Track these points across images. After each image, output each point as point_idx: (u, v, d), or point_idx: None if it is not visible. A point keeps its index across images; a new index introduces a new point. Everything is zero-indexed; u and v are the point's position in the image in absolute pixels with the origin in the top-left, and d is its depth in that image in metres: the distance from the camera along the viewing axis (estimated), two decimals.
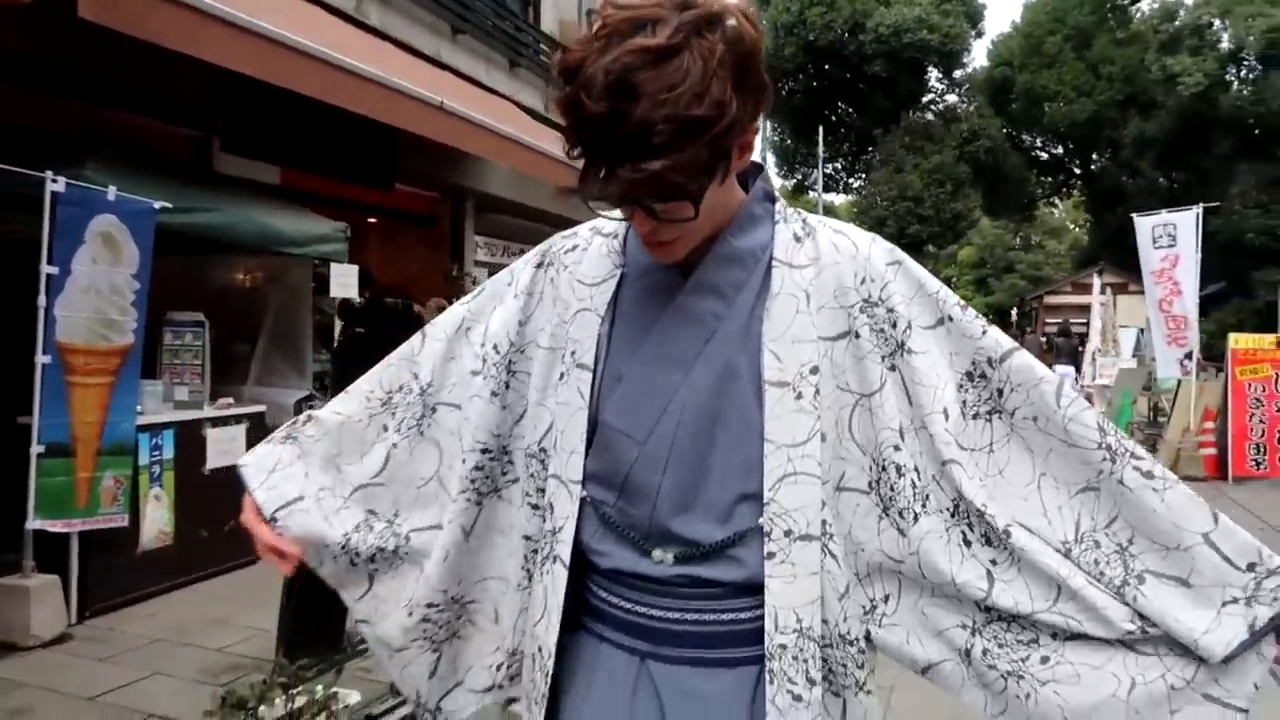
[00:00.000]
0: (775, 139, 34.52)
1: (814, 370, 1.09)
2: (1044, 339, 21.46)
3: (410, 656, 1.28)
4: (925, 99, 33.22)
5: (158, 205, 4.51)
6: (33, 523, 4.10)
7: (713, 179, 1.01)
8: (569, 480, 1.15)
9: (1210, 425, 9.75)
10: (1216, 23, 23.85)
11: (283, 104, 5.66)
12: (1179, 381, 10.15)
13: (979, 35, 31.90)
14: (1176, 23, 24.18)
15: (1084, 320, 19.82)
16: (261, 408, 5.52)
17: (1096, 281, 18.17)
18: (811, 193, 32.57)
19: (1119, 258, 23.53)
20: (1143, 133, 26.39)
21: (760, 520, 1.09)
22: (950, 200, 28.94)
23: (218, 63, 4.80)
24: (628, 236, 1.20)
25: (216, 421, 5.15)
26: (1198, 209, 9.86)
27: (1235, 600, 1.05)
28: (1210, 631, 1.04)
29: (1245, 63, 22.73)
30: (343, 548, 1.23)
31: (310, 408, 4.45)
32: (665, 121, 0.91)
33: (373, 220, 9.22)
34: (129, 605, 4.60)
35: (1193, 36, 23.25)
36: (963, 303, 1.15)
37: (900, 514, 1.10)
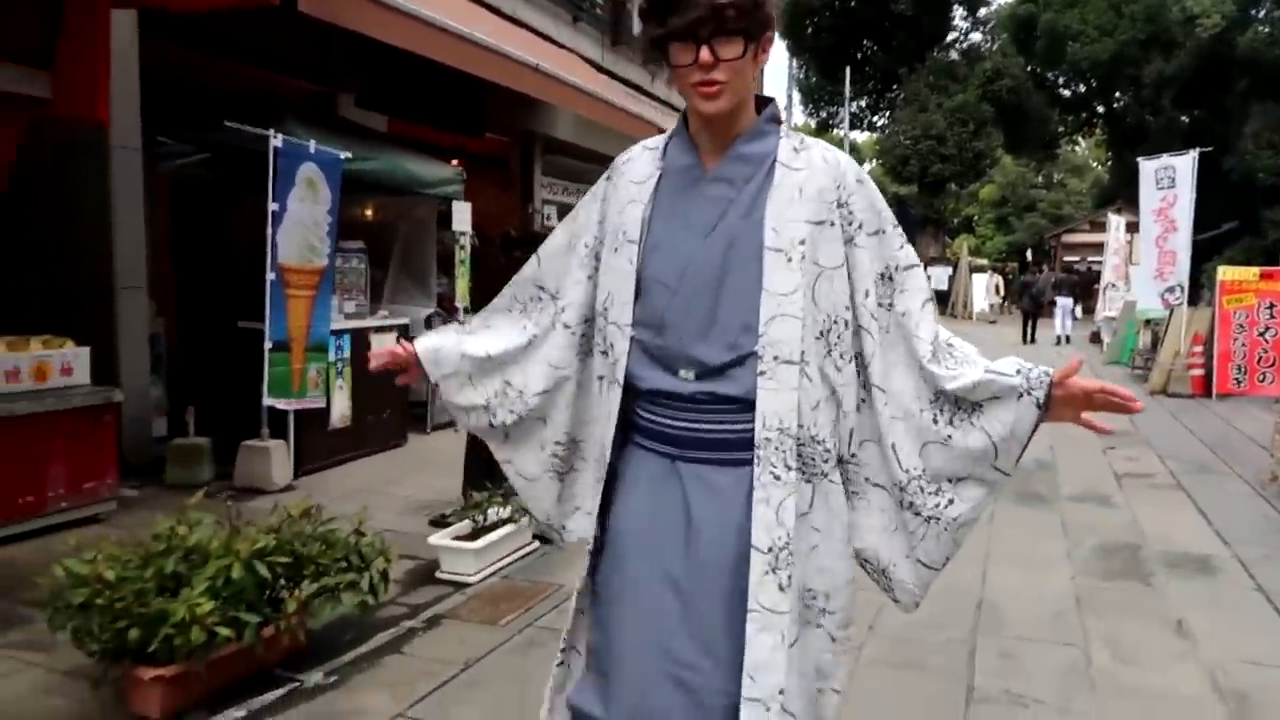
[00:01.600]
0: (800, 77, 35.01)
1: (801, 242, 1.49)
2: (1053, 276, 22.69)
3: (541, 486, 1.76)
4: (949, 38, 33.57)
5: (343, 155, 5.75)
6: (267, 400, 5.43)
7: (753, 41, 1.47)
8: (622, 324, 1.57)
9: (1199, 349, 10.89)
10: None
11: (395, 63, 6.82)
12: (1171, 311, 11.26)
13: None
14: None
15: (1100, 259, 20.86)
16: (405, 320, 6.84)
17: (1112, 219, 19.05)
18: (836, 130, 33.19)
19: (1137, 196, 24.32)
20: (1163, 72, 26.79)
21: (755, 347, 1.48)
22: (973, 139, 29.53)
23: (379, 38, 5.98)
24: (667, 146, 1.62)
25: (377, 330, 6.46)
26: (1194, 153, 10.89)
27: (1021, 393, 1.51)
28: (1015, 423, 1.52)
29: (1263, 5, 23.16)
30: (484, 408, 1.72)
31: (437, 321, 6.28)
32: None
33: (455, 162, 10.40)
34: (325, 469, 5.95)
35: None
36: (895, 223, 1.59)
37: (841, 355, 1.53)
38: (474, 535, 4.17)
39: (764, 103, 1.58)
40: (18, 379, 4.34)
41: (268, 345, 5.39)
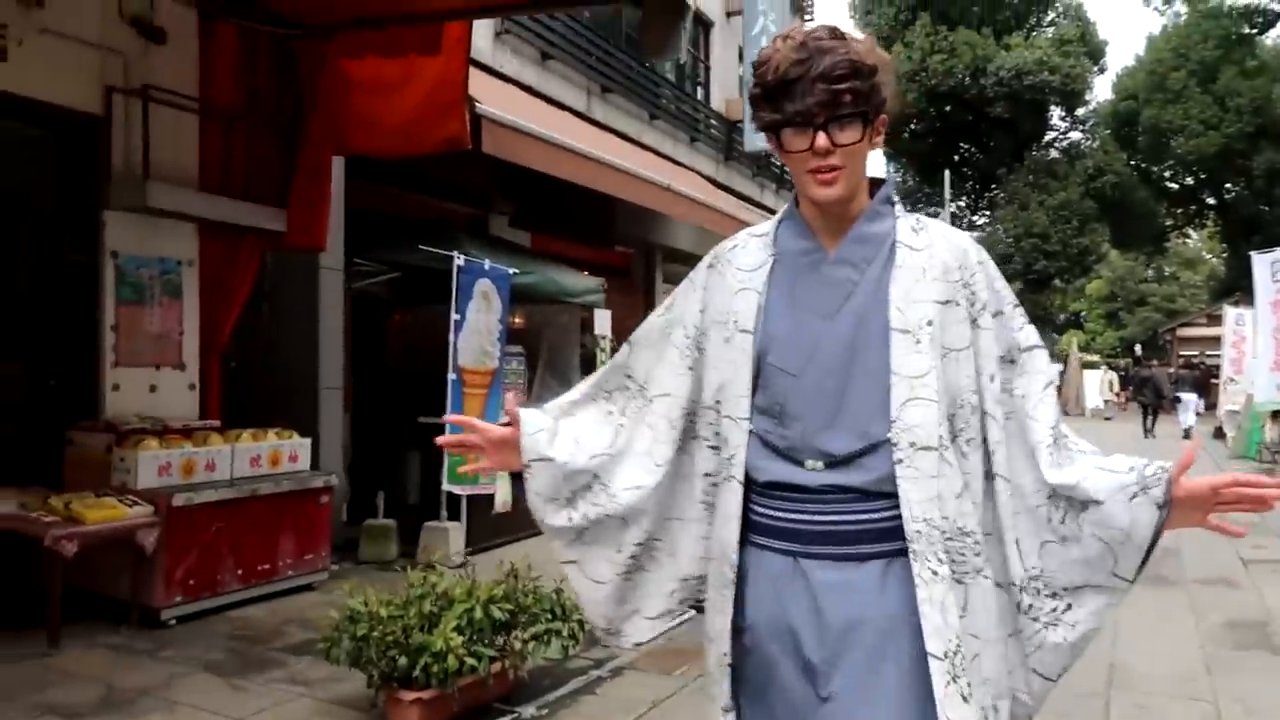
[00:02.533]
0: (899, 180, 35.81)
1: (929, 323, 1.42)
2: (1171, 371, 22.37)
3: (607, 590, 1.62)
4: (1048, 137, 33.94)
5: (512, 271, 6.60)
6: (446, 486, 6.16)
7: (869, 122, 1.42)
8: (739, 417, 1.49)
9: None
10: None
11: (541, 186, 7.73)
12: None
13: (1101, 71, 32.54)
14: None
15: (1218, 352, 20.52)
16: None
17: (1229, 312, 18.83)
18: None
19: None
20: (1275, 163, 26.61)
21: (889, 434, 1.40)
22: (1076, 235, 29.61)
23: (540, 169, 6.90)
24: (777, 233, 1.55)
25: None
26: None
27: (1135, 495, 1.40)
28: (1134, 524, 1.40)
29: None
30: (566, 501, 1.60)
31: None
32: (848, 62, 1.38)
33: (585, 273, 11.33)
34: (490, 549, 6.60)
35: None
36: (1017, 302, 1.53)
37: (969, 442, 1.44)
38: None
39: (877, 184, 1.55)
40: (259, 464, 5.17)
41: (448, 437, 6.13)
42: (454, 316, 6.17)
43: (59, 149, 5.26)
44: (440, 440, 1.77)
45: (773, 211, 14.46)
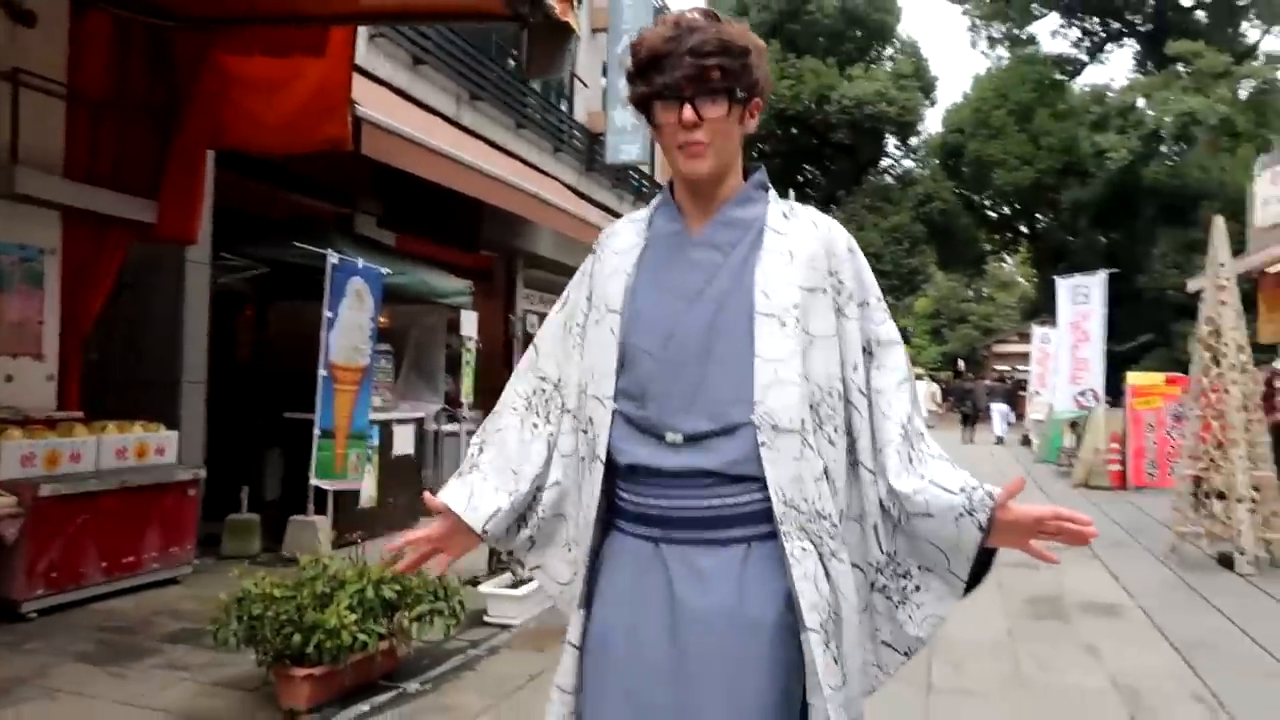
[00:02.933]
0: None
1: (795, 307, 1.44)
2: (987, 384, 24.55)
3: (575, 588, 1.58)
4: (884, 163, 36.22)
5: (385, 271, 6.71)
6: (314, 481, 6.21)
7: (739, 103, 1.46)
8: (603, 396, 1.50)
9: (1116, 446, 12.14)
10: (1140, 102, 26.91)
11: (408, 188, 7.87)
12: (1088, 412, 12.57)
13: (932, 104, 35.01)
14: (1104, 104, 27.23)
15: (1028, 367, 22.58)
16: (422, 414, 7.69)
17: (1036, 330, 20.72)
18: None
19: None
20: (1079, 199, 29.35)
21: (751, 417, 1.41)
22: (907, 256, 31.73)
23: (416, 173, 7.04)
24: (652, 215, 1.58)
25: (400, 422, 7.31)
26: (1104, 273, 12.41)
27: (961, 515, 1.45)
28: (958, 540, 1.46)
29: (1163, 142, 25.75)
30: (520, 521, 1.61)
31: (444, 417, 7.63)
32: (717, 40, 1.43)
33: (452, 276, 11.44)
34: (353, 544, 6.68)
35: (1119, 117, 26.29)
36: (880, 296, 1.56)
37: (835, 429, 1.47)
38: (515, 585, 4.98)
39: (751, 170, 1.58)
40: (125, 456, 5.12)
41: (316, 433, 6.21)
42: (327, 314, 6.25)
43: None
44: (401, 566, 1.66)
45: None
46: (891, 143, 35.65)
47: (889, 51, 35.03)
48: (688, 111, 1.43)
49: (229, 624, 3.54)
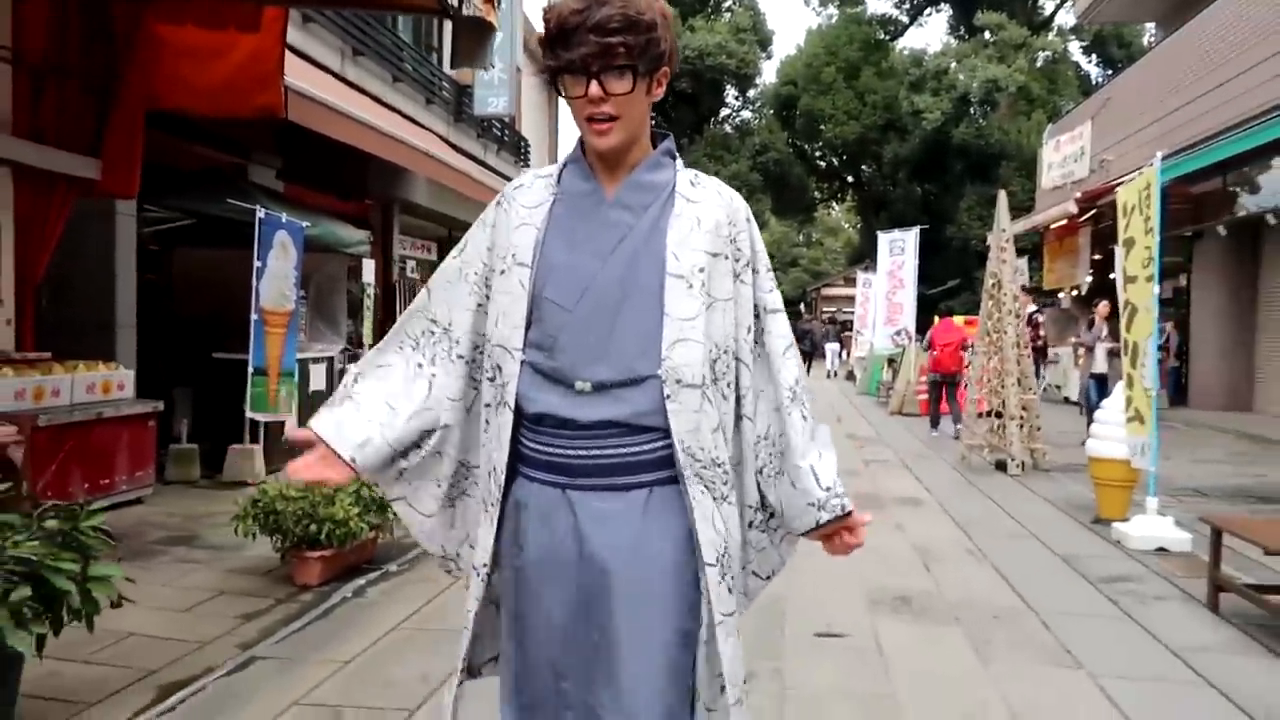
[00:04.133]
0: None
1: (701, 270, 1.54)
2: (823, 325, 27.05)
3: (436, 521, 1.72)
4: (723, 114, 37.84)
5: (305, 224, 7.41)
6: (250, 414, 6.95)
7: (644, 76, 1.51)
8: (512, 347, 1.56)
9: (924, 380, 14.14)
10: (953, 66, 29.48)
11: (298, 140, 8.49)
12: (902, 350, 14.52)
13: (769, 58, 36.81)
14: (922, 67, 29.66)
15: (852, 310, 24.94)
16: (332, 353, 8.45)
17: (860, 276, 22.90)
18: None
19: None
20: (898, 153, 31.94)
21: (658, 371, 1.51)
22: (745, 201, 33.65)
23: (318, 130, 7.70)
24: (561, 173, 1.64)
25: (315, 360, 8.06)
26: (916, 229, 14.26)
27: (812, 505, 1.61)
28: (798, 517, 1.63)
29: (971, 105, 28.45)
30: (393, 457, 1.64)
31: (344, 357, 9.01)
32: (622, 16, 1.46)
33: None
34: (279, 470, 7.47)
35: (933, 80, 28.77)
36: (769, 266, 1.70)
37: (728, 385, 1.60)
38: None
39: (659, 137, 1.63)
40: (94, 392, 5.75)
41: (251, 370, 6.93)
42: (257, 264, 6.93)
43: None
44: (304, 473, 1.63)
45: (493, 170, 15.67)
46: (731, 94, 37.28)
47: (727, 3, 36.44)
48: (594, 88, 1.48)
49: (247, 519, 4.43)
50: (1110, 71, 30.70)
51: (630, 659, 1.49)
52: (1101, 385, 9.05)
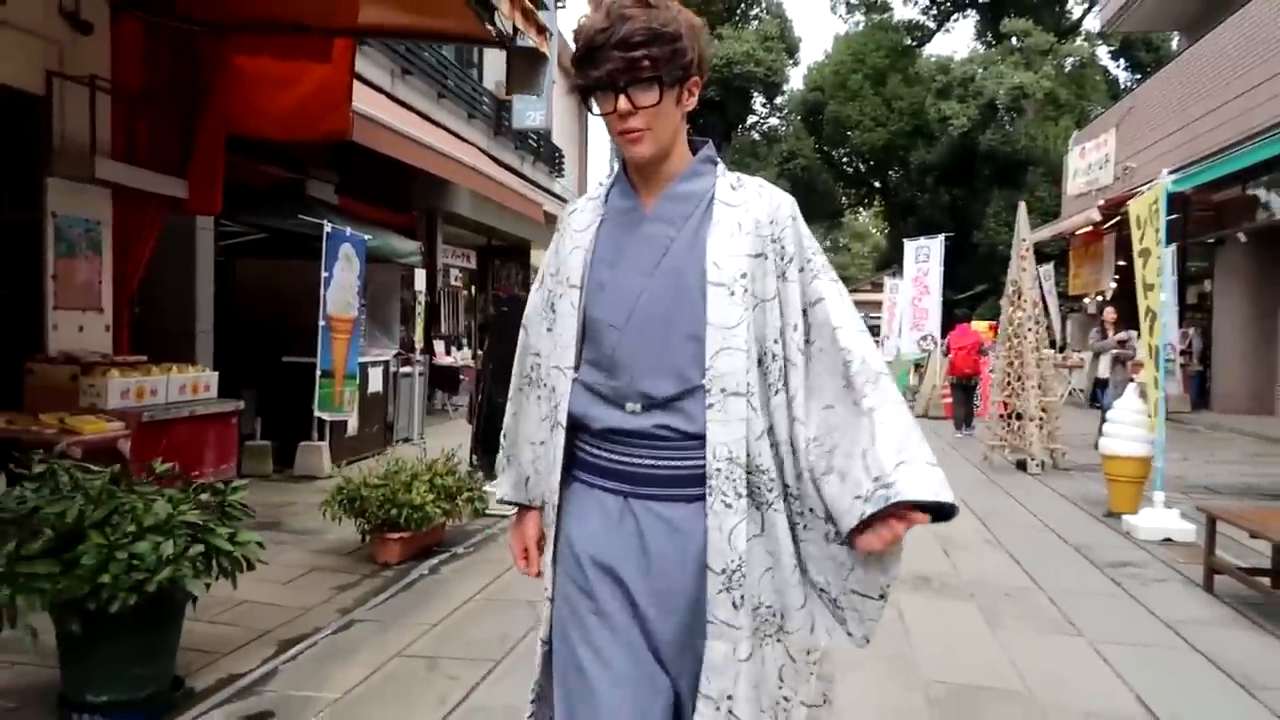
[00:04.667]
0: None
1: (743, 275, 1.54)
2: None
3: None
4: (751, 121, 38.30)
5: (367, 237, 7.98)
6: (317, 413, 7.52)
7: (672, 86, 1.52)
8: (565, 367, 1.62)
9: (948, 383, 14.50)
10: (980, 73, 29.73)
11: (352, 156, 9.08)
12: (928, 354, 14.89)
13: (796, 65, 37.21)
14: (949, 74, 29.95)
15: (879, 315, 25.23)
16: (388, 357, 9.02)
17: (888, 282, 23.22)
18: None
19: None
20: (925, 160, 32.22)
21: (703, 380, 1.53)
22: None
23: (378, 149, 8.27)
24: (609, 192, 1.67)
25: (373, 364, 8.63)
26: (941, 237, 14.65)
27: (858, 497, 1.49)
28: (847, 513, 1.51)
29: (998, 111, 28.67)
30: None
31: (397, 361, 9.68)
32: (645, 30, 1.48)
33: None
34: (349, 465, 8.04)
35: (960, 87, 29.04)
36: (820, 251, 1.63)
37: (773, 388, 1.57)
38: None
39: (699, 145, 1.64)
40: (185, 391, 6.33)
41: (319, 373, 7.50)
42: (324, 274, 7.50)
43: (2, 123, 5.99)
44: (532, 572, 1.77)
45: (529, 180, 16.26)
46: (758, 101, 37.72)
47: (755, 11, 36.88)
48: (622, 102, 1.51)
49: (334, 504, 4.96)
50: (1139, 76, 30.78)
51: (692, 657, 1.55)
52: (1104, 389, 9.41)
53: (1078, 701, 3.36)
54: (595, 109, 1.55)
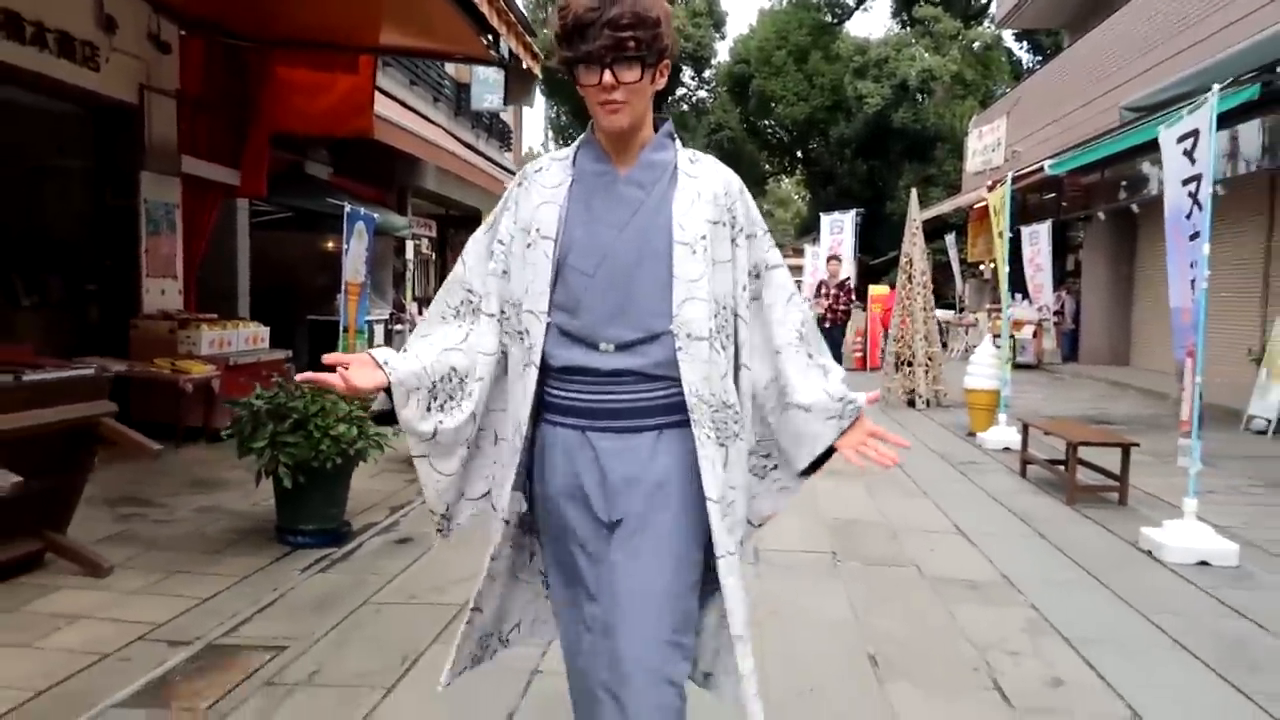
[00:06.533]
0: (552, 116, 40.07)
1: (703, 237, 1.74)
2: None
3: (453, 479, 1.87)
4: (680, 93, 39.91)
5: (375, 215, 9.54)
6: None
7: (650, 67, 1.69)
8: (538, 311, 1.76)
9: (859, 339, 16.63)
10: (893, 55, 31.83)
11: (342, 140, 10.58)
12: None
13: (723, 38, 38.93)
14: (865, 55, 31.99)
15: (801, 279, 27.38)
16: (384, 316, 10.63)
17: (808, 249, 25.28)
18: None
19: None
20: (844, 134, 34.36)
21: (670, 326, 1.72)
22: None
23: (378, 138, 9.82)
24: (576, 155, 1.83)
25: (374, 321, 10.22)
26: (853, 212, 16.65)
27: (831, 417, 1.85)
28: (816, 438, 1.86)
29: (909, 91, 30.85)
30: (429, 390, 1.78)
31: (391, 320, 12.12)
32: (633, 14, 1.64)
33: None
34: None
35: (875, 68, 31.11)
36: (766, 229, 1.87)
37: (727, 337, 1.80)
38: None
39: (660, 121, 1.83)
40: (249, 343, 7.88)
41: (341, 329, 9.07)
42: (344, 246, 9.05)
43: (102, 127, 7.40)
44: (307, 376, 1.78)
45: (483, 154, 17.80)
46: (687, 74, 39.32)
47: None
48: (607, 76, 1.67)
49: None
50: (1040, 58, 33.32)
51: (637, 579, 1.70)
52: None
53: (919, 525, 5.32)
54: (579, 79, 1.70)
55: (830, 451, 1.88)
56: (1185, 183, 5.07)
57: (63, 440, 3.98)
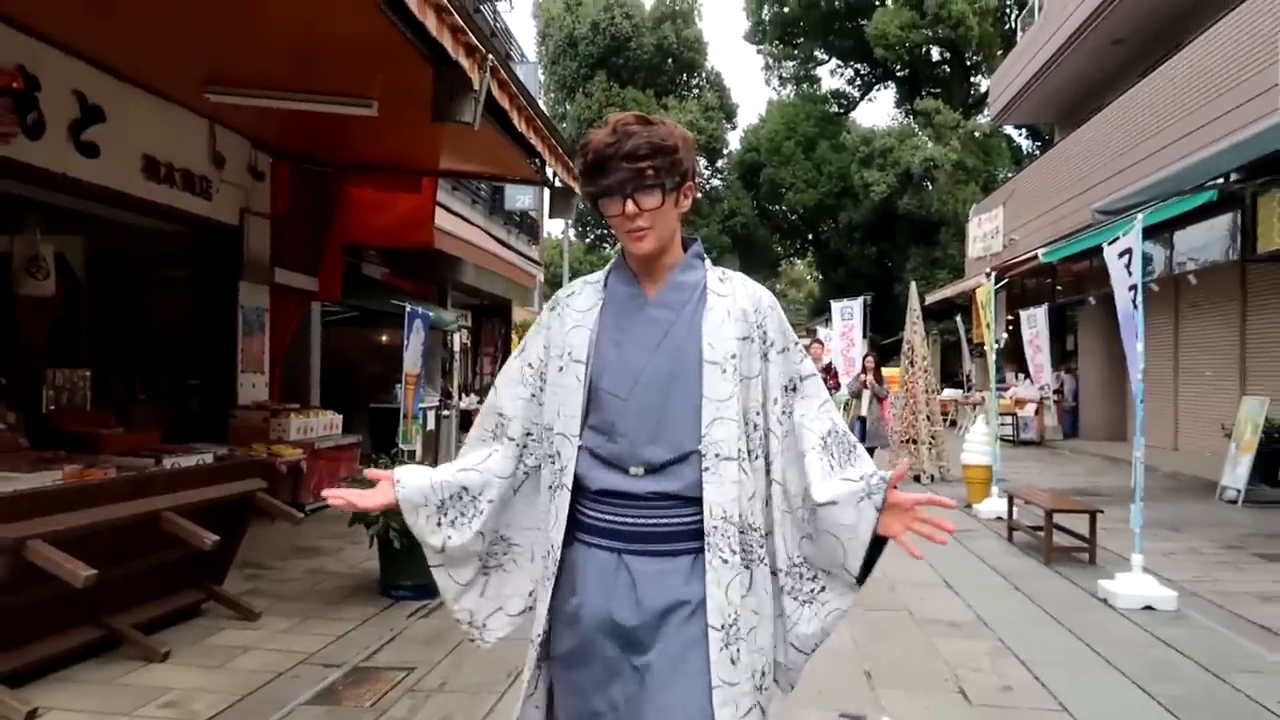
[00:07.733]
0: (579, 206, 41.90)
1: (733, 356, 1.76)
2: None
3: (469, 588, 1.93)
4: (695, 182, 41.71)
5: (431, 314, 10.74)
6: (401, 445, 10.20)
7: (671, 192, 1.75)
8: (570, 435, 1.79)
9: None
10: (897, 145, 33.46)
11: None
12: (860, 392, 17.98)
13: (734, 128, 40.86)
14: (870, 145, 33.66)
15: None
16: (434, 402, 11.75)
17: (821, 331, 26.41)
18: (608, 249, 40.08)
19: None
20: (852, 219, 35.86)
21: (699, 447, 1.72)
22: (715, 263, 36.91)
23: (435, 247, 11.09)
24: (607, 279, 1.88)
25: (427, 408, 11.33)
26: (861, 299, 17.79)
27: (861, 498, 1.76)
28: (853, 527, 1.76)
29: (913, 179, 32.32)
30: (438, 507, 1.86)
31: (442, 405, 13.55)
32: (648, 144, 1.71)
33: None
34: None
35: (880, 157, 32.70)
36: (797, 341, 1.86)
37: (752, 455, 1.79)
38: None
39: (689, 242, 1.88)
40: (327, 429, 8.99)
41: (400, 415, 10.18)
42: (405, 341, 10.22)
43: (206, 245, 8.64)
44: (331, 493, 1.89)
45: (514, 249, 19.26)
46: (701, 164, 41.15)
47: (695, 82, 40.46)
48: (629, 206, 1.73)
49: None
50: (1039, 144, 34.90)
51: (663, 707, 1.69)
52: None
53: (914, 581, 6.27)
54: (603, 211, 1.77)
55: (881, 544, 1.81)
56: (1130, 289, 6.16)
57: (226, 508, 5.04)
